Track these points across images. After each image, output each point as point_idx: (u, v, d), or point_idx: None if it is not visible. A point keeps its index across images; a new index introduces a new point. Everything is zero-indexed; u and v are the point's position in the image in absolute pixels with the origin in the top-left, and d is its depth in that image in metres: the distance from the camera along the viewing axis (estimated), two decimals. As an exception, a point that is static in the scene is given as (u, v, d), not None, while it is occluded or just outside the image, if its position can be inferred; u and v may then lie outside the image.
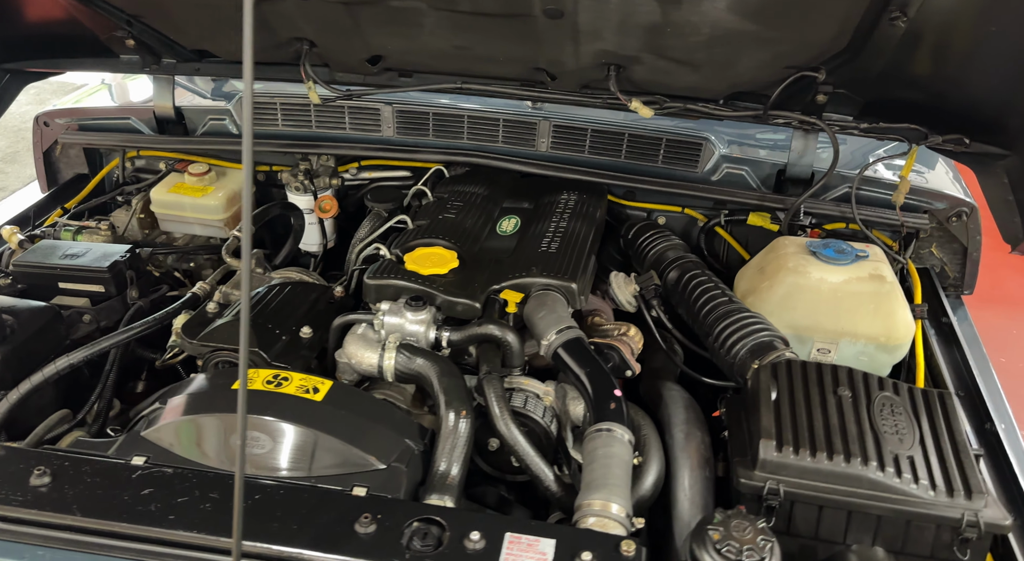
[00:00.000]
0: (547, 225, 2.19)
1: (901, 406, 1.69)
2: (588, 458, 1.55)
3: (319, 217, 2.54)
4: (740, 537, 1.38)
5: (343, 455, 1.53)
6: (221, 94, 2.77)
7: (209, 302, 1.89)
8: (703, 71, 2.09)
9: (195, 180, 2.53)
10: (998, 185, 2.18)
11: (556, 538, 1.38)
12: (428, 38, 2.14)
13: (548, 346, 1.78)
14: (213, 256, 2.55)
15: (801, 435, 1.60)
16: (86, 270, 2.06)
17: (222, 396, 1.60)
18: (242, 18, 2.06)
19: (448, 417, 1.60)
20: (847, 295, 2.07)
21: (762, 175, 2.42)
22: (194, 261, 2.54)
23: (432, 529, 1.39)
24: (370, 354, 1.74)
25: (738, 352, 1.88)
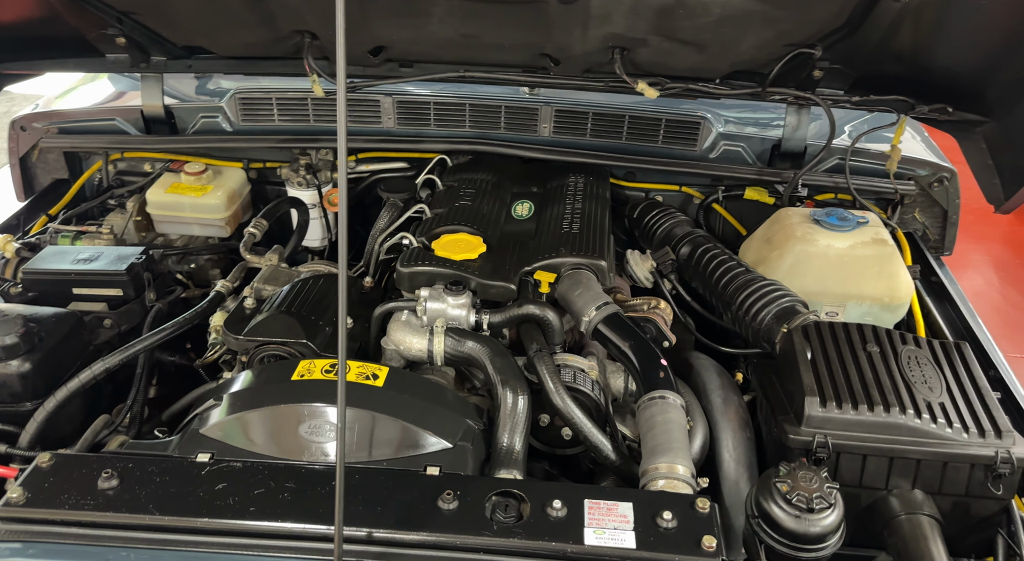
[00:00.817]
0: (562, 207, 2.23)
1: (924, 358, 1.80)
2: (646, 425, 1.61)
3: (328, 211, 2.53)
4: (807, 487, 1.46)
5: (411, 437, 1.54)
6: (207, 91, 2.72)
7: (246, 298, 1.87)
8: (707, 51, 2.16)
9: (192, 179, 2.48)
10: (978, 150, 2.32)
11: (632, 501, 1.43)
12: (437, 27, 2.15)
13: (589, 322, 1.82)
14: (215, 255, 2.51)
15: (841, 391, 1.69)
16: (103, 274, 2.01)
17: (279, 388, 1.59)
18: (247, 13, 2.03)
19: (506, 395, 1.64)
20: (853, 259, 2.18)
21: (757, 151, 2.52)
22: (195, 262, 2.50)
23: (511, 501, 1.42)
24: (418, 339, 1.75)
25: (764, 318, 1.96)
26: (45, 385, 1.77)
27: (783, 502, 1.47)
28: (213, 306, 1.98)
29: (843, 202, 2.58)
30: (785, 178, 2.46)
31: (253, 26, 2.21)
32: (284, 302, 1.85)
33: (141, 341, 1.82)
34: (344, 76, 1.12)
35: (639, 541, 1.36)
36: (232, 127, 2.59)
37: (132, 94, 2.79)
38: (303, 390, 1.57)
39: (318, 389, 1.58)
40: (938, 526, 1.62)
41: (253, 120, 2.57)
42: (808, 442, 1.65)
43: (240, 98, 2.55)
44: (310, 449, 1.54)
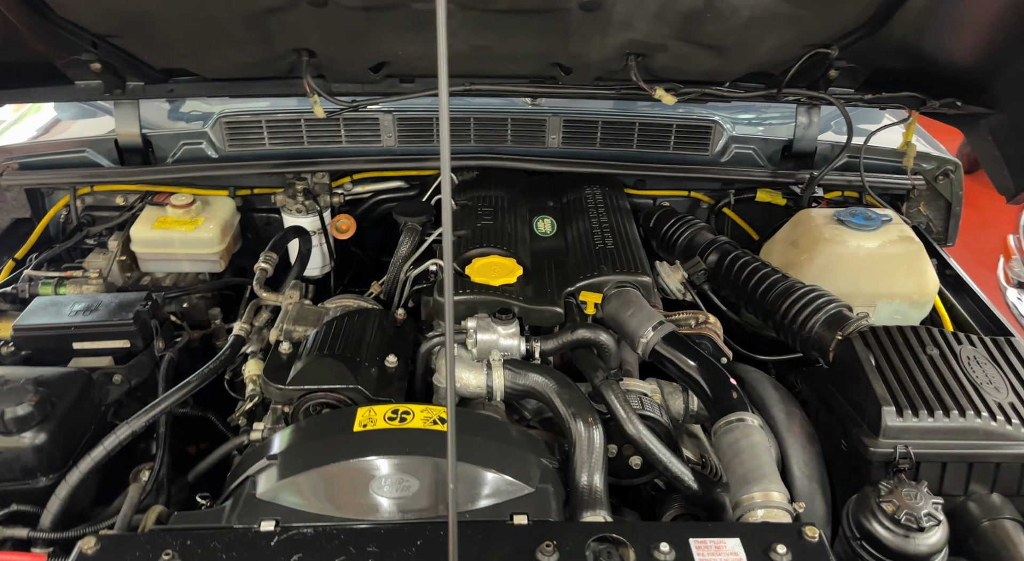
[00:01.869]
0: (587, 222, 2.15)
1: (983, 357, 1.79)
2: (731, 451, 1.53)
3: (335, 237, 2.37)
4: (913, 505, 1.42)
5: (492, 484, 1.44)
6: (181, 117, 2.53)
7: (280, 342, 1.71)
8: (727, 55, 2.11)
9: (181, 212, 2.30)
10: (985, 143, 2.34)
11: (739, 536, 1.36)
12: (450, 40, 2.03)
13: (646, 343, 1.75)
14: (208, 294, 2.34)
15: (914, 398, 1.66)
16: (108, 326, 1.82)
17: (344, 442, 1.46)
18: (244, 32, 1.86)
19: (579, 428, 1.54)
20: (883, 258, 2.17)
21: (768, 152, 2.49)
22: (187, 300, 2.32)
23: (612, 547, 1.33)
24: (475, 375, 1.64)
25: (813, 326, 1.91)
26: (62, 456, 1.59)
27: (889, 522, 1.42)
28: (235, 352, 1.82)
29: (847, 200, 2.58)
30: (799, 179, 2.43)
31: (248, 46, 2.05)
32: (323, 344, 1.70)
33: (165, 399, 1.65)
34: (446, 83, 1.01)
35: (769, 596, 1.28)
36: (218, 153, 2.41)
37: (87, 124, 2.58)
38: (371, 442, 1.44)
39: (388, 440, 1.45)
40: (1021, 528, 1.60)
41: (242, 145, 2.40)
42: (889, 454, 1.61)
43: (226, 122, 2.37)
44: (385, 506, 1.41)
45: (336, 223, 2.30)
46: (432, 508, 1.41)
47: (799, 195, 2.44)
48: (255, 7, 1.86)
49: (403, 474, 1.41)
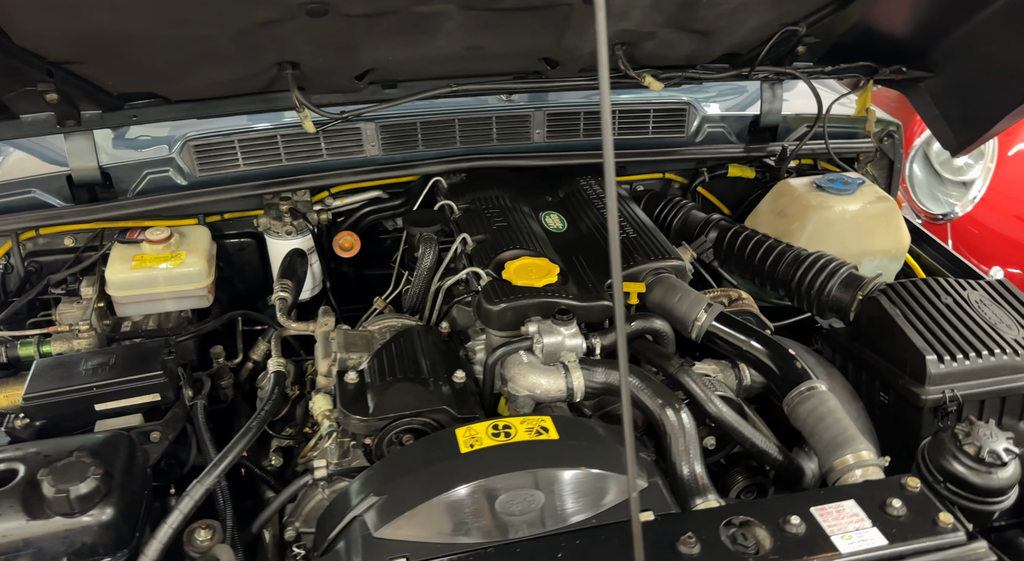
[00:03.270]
0: (595, 213, 2.17)
1: (987, 299, 1.95)
2: (812, 419, 1.60)
3: (339, 255, 2.25)
4: (992, 443, 1.53)
5: (611, 485, 1.43)
6: (135, 145, 2.32)
7: (347, 372, 1.62)
8: (711, 38, 2.18)
9: (160, 248, 2.11)
10: (926, 104, 2.55)
11: (853, 498, 1.42)
12: (442, 42, 1.99)
13: (700, 326, 1.79)
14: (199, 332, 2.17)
15: (947, 344, 1.79)
16: (135, 380, 1.66)
17: (460, 466, 1.40)
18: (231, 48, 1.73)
19: (672, 417, 1.56)
20: (865, 218, 2.32)
21: (737, 129, 2.58)
22: (175, 341, 2.14)
23: (742, 529, 1.36)
24: (552, 379, 1.62)
25: (830, 290, 2.02)
26: (129, 530, 1.43)
27: (973, 461, 1.53)
28: (283, 390, 1.70)
29: (801, 168, 2.73)
30: (770, 152, 2.55)
31: (232, 63, 1.91)
32: (389, 368, 1.63)
33: (231, 450, 1.53)
34: (607, 69, 0.99)
35: (886, 535, 1.35)
36: (188, 180, 2.23)
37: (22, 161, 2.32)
38: (487, 462, 1.40)
39: (502, 457, 1.41)
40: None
41: (214, 169, 2.23)
42: (939, 399, 1.74)
43: (196, 146, 2.20)
44: (514, 525, 1.37)
45: (339, 241, 2.19)
46: (563, 518, 1.39)
47: (772, 167, 2.56)
48: (249, 21, 1.74)
49: (526, 489, 1.38)
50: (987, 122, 2.39)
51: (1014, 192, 3.97)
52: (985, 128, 2.40)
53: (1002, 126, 2.36)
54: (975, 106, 2.43)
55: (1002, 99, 2.32)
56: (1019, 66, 2.24)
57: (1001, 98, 2.32)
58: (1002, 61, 2.27)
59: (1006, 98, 2.31)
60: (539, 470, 1.39)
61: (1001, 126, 2.36)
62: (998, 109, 2.34)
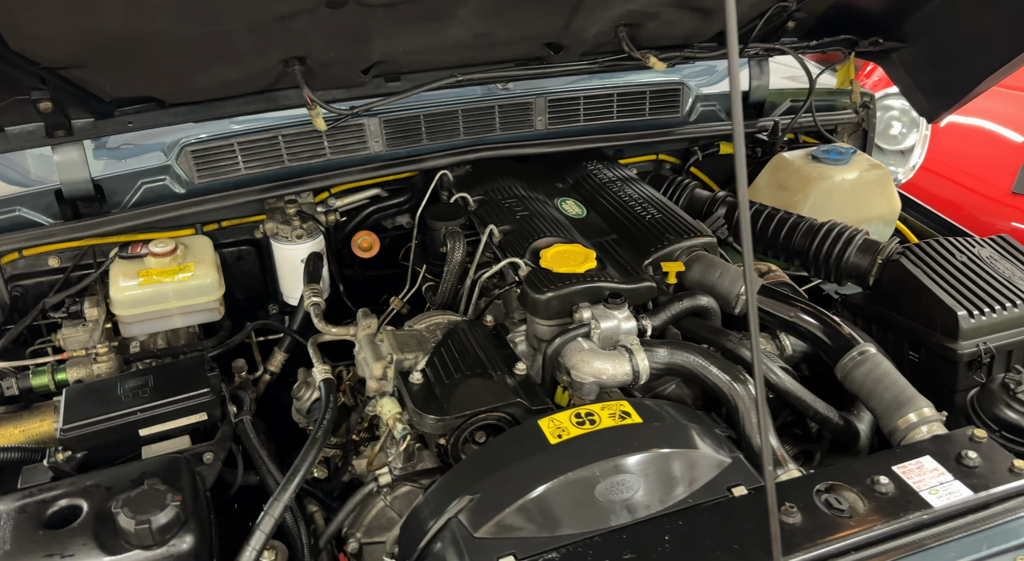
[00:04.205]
0: (611, 196, 2.17)
1: (994, 255, 2.04)
2: (869, 381, 1.64)
3: (358, 256, 2.17)
4: (1040, 387, 1.61)
5: (699, 463, 1.43)
6: (109, 153, 2.18)
7: (410, 372, 1.56)
8: (711, 16, 2.20)
9: (167, 261, 1.99)
10: (899, 74, 2.65)
11: (928, 454, 1.47)
12: (454, 30, 1.94)
13: (745, 299, 1.81)
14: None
15: (973, 300, 1.87)
16: (181, 401, 1.56)
17: (555, 457, 1.38)
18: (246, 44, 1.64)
19: (742, 390, 1.57)
20: (862, 186, 2.39)
21: (727, 106, 2.62)
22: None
23: (838, 494, 1.39)
24: (616, 364, 1.60)
25: (848, 257, 2.08)
26: (208, 557, 1.35)
27: (1021, 405, 1.60)
28: (336, 400, 1.64)
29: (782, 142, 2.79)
30: (761, 127, 2.60)
31: (244, 61, 1.82)
32: (454, 365, 1.59)
33: (300, 466, 1.46)
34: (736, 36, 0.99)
35: (970, 486, 1.40)
36: (186, 188, 2.11)
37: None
38: (580, 450, 1.38)
39: (594, 444, 1.39)
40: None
41: (214, 175, 2.12)
42: (974, 353, 1.81)
43: (194, 151, 2.08)
44: (615, 510, 1.36)
45: (357, 241, 2.11)
46: (660, 500, 1.38)
47: (763, 142, 2.61)
48: (269, 15, 1.65)
49: (623, 474, 1.37)
50: (960, 89, 2.50)
51: (949, 159, 4.17)
52: (959, 95, 2.51)
53: (976, 92, 2.47)
54: (947, 74, 2.53)
55: (974, 67, 2.42)
56: (989, 35, 2.35)
57: (973, 66, 2.43)
58: (972, 31, 2.38)
59: (978, 65, 2.41)
60: (633, 455, 1.38)
61: (976, 92, 2.47)
62: (971, 76, 2.44)
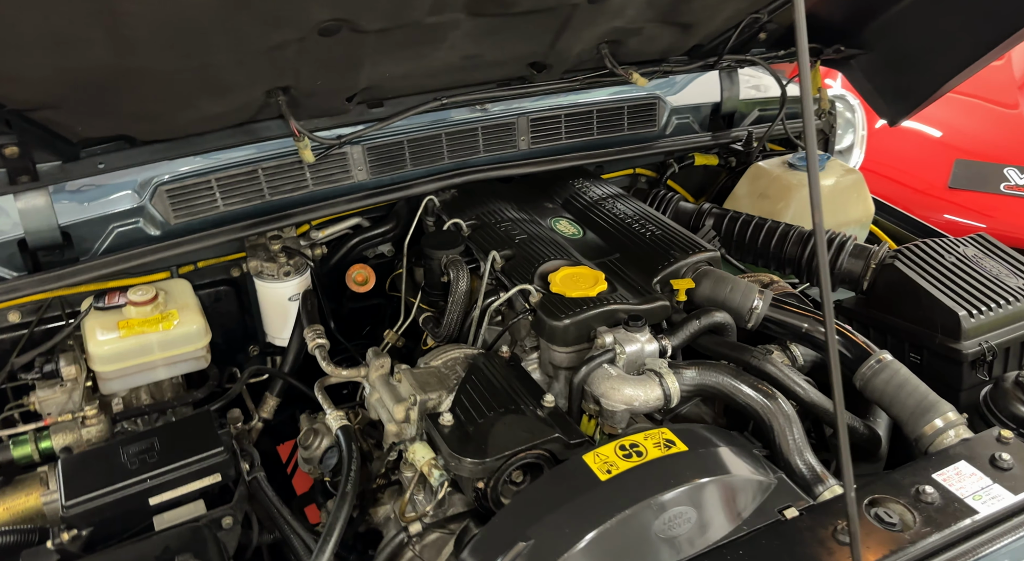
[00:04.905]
0: (605, 214, 2.14)
1: (979, 254, 2.10)
2: (890, 388, 1.64)
3: (353, 291, 2.07)
4: (1051, 384, 1.65)
5: (748, 488, 1.41)
6: (71, 196, 2.03)
7: (440, 414, 1.49)
8: (690, 30, 2.20)
9: (148, 310, 1.86)
10: (860, 79, 2.72)
11: (963, 459, 1.49)
12: (444, 53, 1.89)
13: (758, 314, 1.81)
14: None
15: (969, 299, 1.91)
16: (194, 463, 1.45)
17: (606, 496, 1.33)
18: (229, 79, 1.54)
19: (776, 407, 1.55)
20: (840, 191, 2.44)
21: (700, 118, 2.64)
22: (170, 411, 1.91)
23: (886, 507, 1.39)
24: (649, 388, 1.57)
25: (841, 263, 2.11)
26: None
27: (1038, 402, 1.64)
28: (359, 449, 1.55)
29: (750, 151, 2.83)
30: (735, 138, 2.62)
31: (230, 94, 1.72)
32: (484, 403, 1.52)
33: (334, 524, 1.37)
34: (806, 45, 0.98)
35: (1009, 489, 1.42)
36: (162, 229, 1.98)
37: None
38: (634, 486, 1.33)
39: (647, 478, 1.35)
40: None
41: (191, 214, 1.99)
42: (978, 352, 1.85)
43: (169, 190, 1.95)
44: (676, 544, 1.32)
45: (352, 275, 2.02)
46: (717, 531, 1.35)
47: (738, 152, 2.64)
48: (261, 46, 1.57)
49: (680, 507, 1.33)
50: (920, 93, 2.58)
51: (886, 160, 4.32)
52: (919, 99, 2.59)
53: (936, 96, 2.55)
54: (907, 79, 2.61)
55: (933, 71, 2.51)
56: (945, 41, 2.43)
57: (931, 71, 2.51)
58: (929, 37, 2.46)
59: (937, 70, 2.50)
60: (688, 486, 1.34)
61: (936, 96, 2.55)
62: (930, 81, 2.52)
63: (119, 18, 1.32)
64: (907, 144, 4.43)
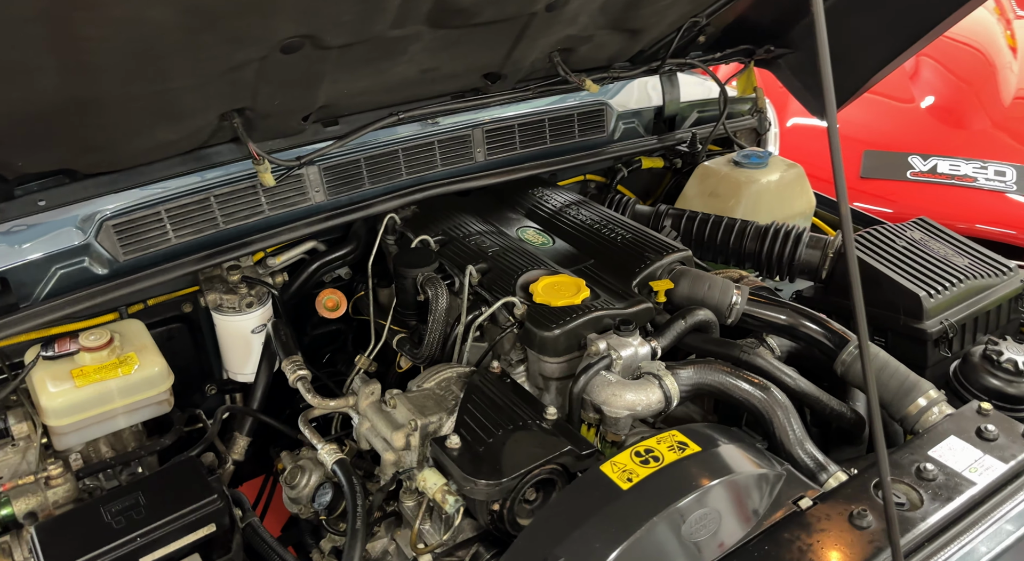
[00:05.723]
0: (572, 221, 2.14)
1: (922, 238, 2.20)
2: None
3: (324, 317, 1.97)
4: (1018, 356, 1.74)
5: (765, 482, 1.42)
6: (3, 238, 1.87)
7: (446, 438, 1.42)
8: (637, 36, 2.23)
9: (104, 355, 1.72)
10: (789, 77, 2.83)
11: (952, 434, 1.54)
12: (403, 67, 1.84)
13: (738, 309, 1.83)
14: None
15: (927, 281, 1.99)
16: (187, 514, 1.34)
17: (632, 505, 1.31)
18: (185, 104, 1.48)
19: (773, 398, 1.57)
20: (784, 186, 2.51)
21: (645, 122, 2.67)
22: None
23: (906, 488, 1.42)
24: (649, 392, 1.56)
25: (799, 255, 2.17)
26: None
27: (1010, 374, 1.72)
28: (360, 483, 1.47)
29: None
30: (680, 140, 2.67)
31: (184, 120, 1.62)
32: (490, 422, 1.48)
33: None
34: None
35: (999, 459, 1.48)
36: (110, 268, 1.84)
37: None
38: (658, 492, 1.32)
39: (669, 483, 1.34)
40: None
41: (141, 249, 1.86)
42: (941, 329, 1.93)
43: (116, 225, 1.82)
44: (704, 546, 1.31)
45: (322, 301, 1.93)
46: (741, 527, 1.35)
47: (682, 154, 2.69)
48: (222, 67, 1.48)
49: (704, 508, 1.32)
50: (847, 88, 2.69)
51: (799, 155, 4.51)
52: (847, 94, 2.71)
53: (863, 89, 2.67)
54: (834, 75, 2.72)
55: (857, 67, 2.62)
56: (869, 38, 2.55)
57: (856, 67, 2.62)
58: (853, 35, 2.56)
59: (861, 66, 2.61)
60: (710, 486, 1.34)
61: (863, 90, 2.67)
62: (856, 77, 2.64)
63: (77, 43, 1.22)
64: (816, 140, 4.63)
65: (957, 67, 4.81)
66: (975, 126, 4.45)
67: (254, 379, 1.96)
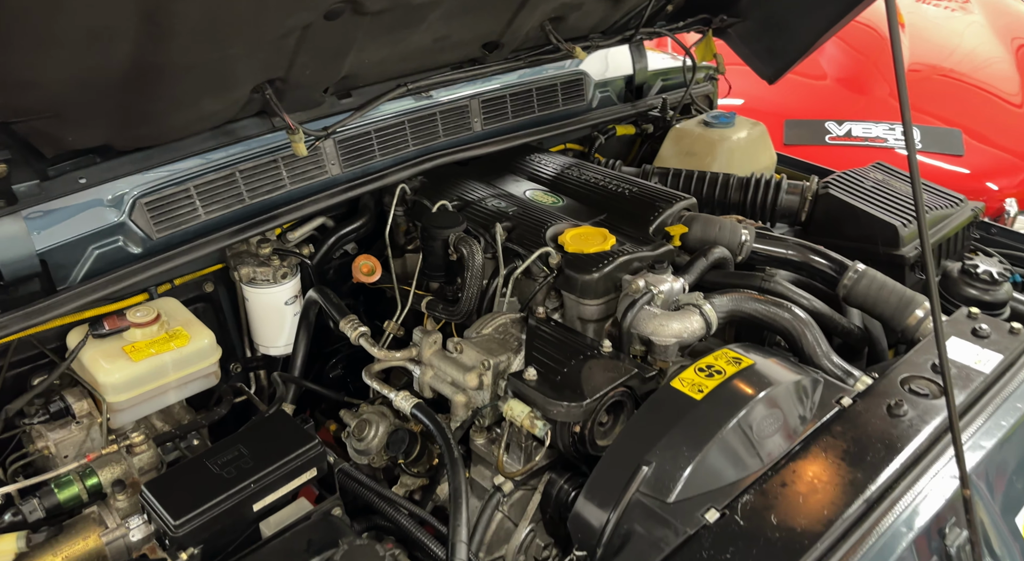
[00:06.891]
0: (578, 181, 2.27)
1: (883, 177, 2.44)
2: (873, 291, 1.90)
3: (361, 282, 2.00)
4: (992, 268, 1.98)
5: (810, 386, 1.58)
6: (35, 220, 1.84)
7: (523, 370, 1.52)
8: (619, 4, 2.37)
9: (154, 330, 1.74)
10: (738, 45, 3.03)
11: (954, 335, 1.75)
12: (419, 36, 1.92)
13: (748, 246, 2.02)
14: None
15: (898, 213, 2.22)
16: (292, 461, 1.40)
17: (711, 412, 1.44)
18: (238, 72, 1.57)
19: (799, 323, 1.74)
20: (751, 142, 2.72)
21: (617, 91, 2.82)
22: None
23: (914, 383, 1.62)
24: (691, 320, 1.70)
25: (780, 200, 2.37)
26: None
27: (986, 284, 1.96)
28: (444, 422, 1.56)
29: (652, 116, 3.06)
30: (651, 106, 2.84)
31: (231, 90, 1.66)
32: (558, 354, 1.59)
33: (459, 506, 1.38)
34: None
35: (996, 350, 1.70)
36: (143, 246, 1.84)
37: None
38: (731, 398, 1.46)
39: (738, 389, 1.49)
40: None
41: (173, 226, 1.86)
42: (916, 254, 2.16)
43: (148, 203, 1.82)
44: (773, 443, 1.46)
45: (359, 265, 1.97)
46: (799, 425, 1.51)
47: (654, 119, 2.85)
48: (275, 32, 1.53)
49: (770, 409, 1.48)
50: (791, 53, 2.92)
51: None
52: (792, 58, 2.93)
53: (807, 54, 2.91)
54: (779, 42, 2.95)
55: (801, 33, 2.85)
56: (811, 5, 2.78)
57: (800, 33, 2.85)
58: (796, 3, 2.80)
59: (804, 32, 2.84)
60: (772, 390, 1.49)
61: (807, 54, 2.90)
62: (799, 42, 2.87)
63: (170, 5, 1.25)
64: (741, 112, 4.94)
65: (857, 42, 5.20)
66: (876, 93, 4.83)
67: (292, 349, 2.00)
